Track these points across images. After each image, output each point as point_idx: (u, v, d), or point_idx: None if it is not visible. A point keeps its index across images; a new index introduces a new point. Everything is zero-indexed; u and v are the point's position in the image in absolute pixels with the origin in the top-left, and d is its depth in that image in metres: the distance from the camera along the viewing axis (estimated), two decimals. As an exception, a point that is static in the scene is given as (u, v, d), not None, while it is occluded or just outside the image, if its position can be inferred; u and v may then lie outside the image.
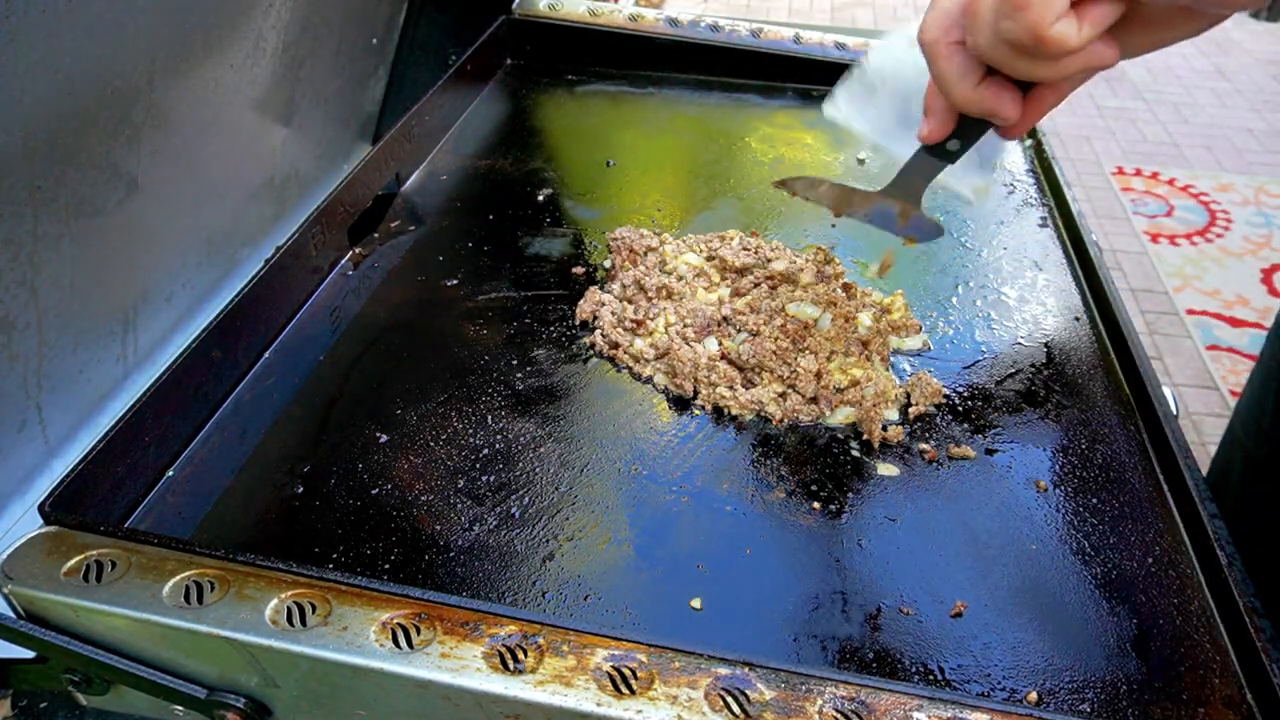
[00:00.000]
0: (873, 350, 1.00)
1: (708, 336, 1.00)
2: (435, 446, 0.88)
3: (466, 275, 1.13)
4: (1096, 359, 1.01)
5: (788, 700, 0.59)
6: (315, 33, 1.20)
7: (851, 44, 1.58)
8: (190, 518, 0.81)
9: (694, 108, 1.56)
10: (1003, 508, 0.83)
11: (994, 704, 0.59)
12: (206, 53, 0.96)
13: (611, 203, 1.30)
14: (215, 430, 0.90)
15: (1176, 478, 0.83)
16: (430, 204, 1.28)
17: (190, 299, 1.08)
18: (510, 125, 1.50)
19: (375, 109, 1.54)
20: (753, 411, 0.93)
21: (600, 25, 1.62)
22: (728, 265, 1.10)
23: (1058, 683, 0.69)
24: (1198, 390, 2.87)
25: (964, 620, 0.73)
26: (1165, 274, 3.50)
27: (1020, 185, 1.35)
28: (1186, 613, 0.74)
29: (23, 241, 0.77)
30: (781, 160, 1.41)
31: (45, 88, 0.73)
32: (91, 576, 0.66)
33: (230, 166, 1.11)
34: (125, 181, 0.89)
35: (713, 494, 0.84)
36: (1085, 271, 1.14)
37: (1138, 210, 3.94)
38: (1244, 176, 4.24)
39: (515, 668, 0.60)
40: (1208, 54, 5.45)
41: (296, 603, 0.64)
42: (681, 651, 0.61)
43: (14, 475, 0.84)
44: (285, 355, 1.00)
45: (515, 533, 0.80)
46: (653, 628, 0.72)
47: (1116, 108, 4.86)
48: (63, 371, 0.87)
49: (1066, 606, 0.74)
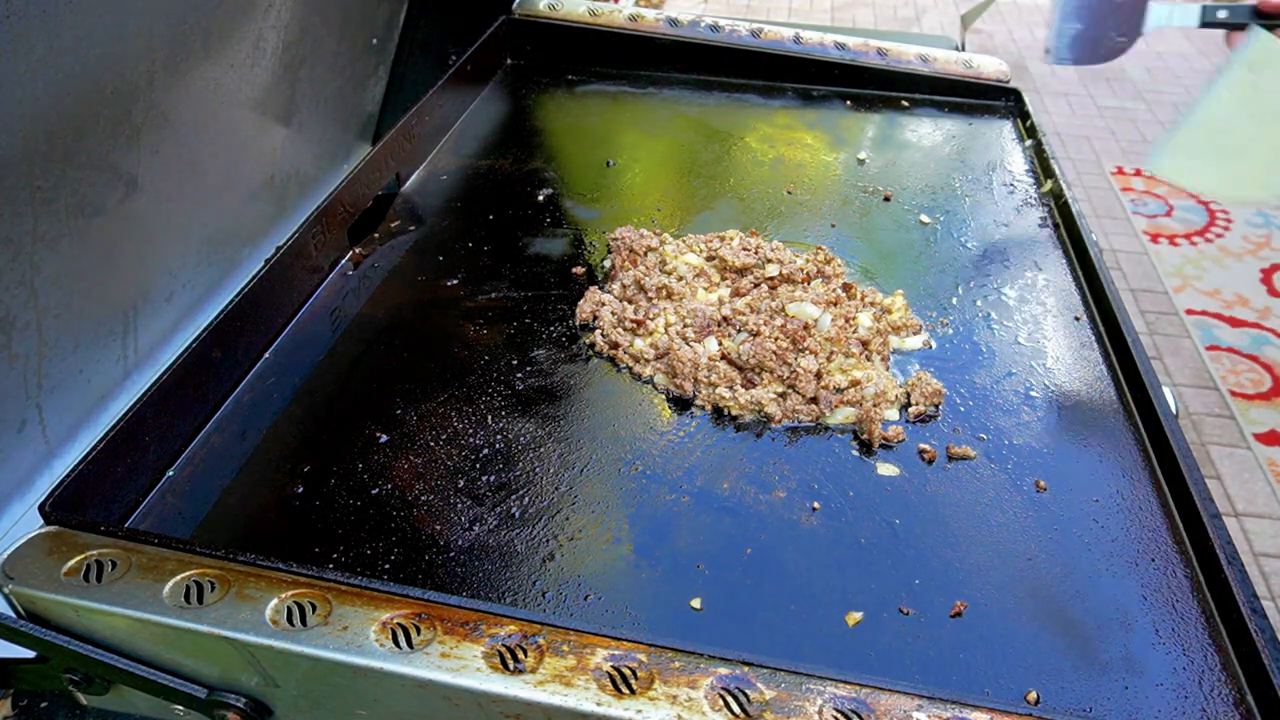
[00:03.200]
0: (873, 350, 1.00)
1: (708, 336, 1.00)
2: (435, 446, 0.88)
3: (466, 275, 1.13)
4: (1096, 359, 1.01)
5: (788, 700, 0.59)
6: (315, 33, 1.20)
7: (851, 44, 1.58)
8: (190, 518, 0.81)
9: (694, 108, 1.56)
10: (1003, 508, 0.83)
11: (994, 704, 0.59)
12: (206, 53, 0.96)
13: (611, 203, 1.30)
14: (215, 430, 0.90)
15: (1176, 478, 0.83)
16: (430, 204, 1.28)
17: (190, 299, 1.08)
18: (510, 125, 1.50)
19: (375, 109, 1.54)
20: (752, 412, 0.93)
21: (600, 25, 1.62)
22: (728, 265, 1.10)
23: (1057, 682, 0.69)
24: (1198, 390, 2.87)
25: (964, 620, 0.73)
26: (1165, 274, 3.50)
27: (1020, 185, 1.35)
28: (1187, 613, 0.74)
29: (23, 241, 0.77)
30: (781, 160, 1.41)
31: (45, 88, 0.73)
32: (92, 576, 0.66)
33: (230, 166, 1.11)
34: (125, 181, 0.89)
35: (713, 494, 0.84)
36: (1085, 271, 1.14)
37: (1138, 210, 3.94)
38: (1244, 176, 4.23)
39: (515, 668, 0.60)
40: (1208, 54, 5.44)
41: (297, 603, 0.64)
42: (681, 651, 0.61)
43: (14, 475, 0.84)
44: (285, 355, 1.00)
45: (515, 533, 0.80)
46: (653, 628, 0.72)
47: (1116, 108, 4.86)
48: (63, 371, 0.87)
49: (1066, 606, 0.74)
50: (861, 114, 1.55)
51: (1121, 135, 4.62)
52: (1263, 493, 2.47)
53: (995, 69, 1.56)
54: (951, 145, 1.46)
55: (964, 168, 1.39)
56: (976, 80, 1.56)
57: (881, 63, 1.57)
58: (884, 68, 1.57)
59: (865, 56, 1.58)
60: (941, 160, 1.42)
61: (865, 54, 1.58)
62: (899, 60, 1.57)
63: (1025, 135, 1.48)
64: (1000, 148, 1.45)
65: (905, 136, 1.49)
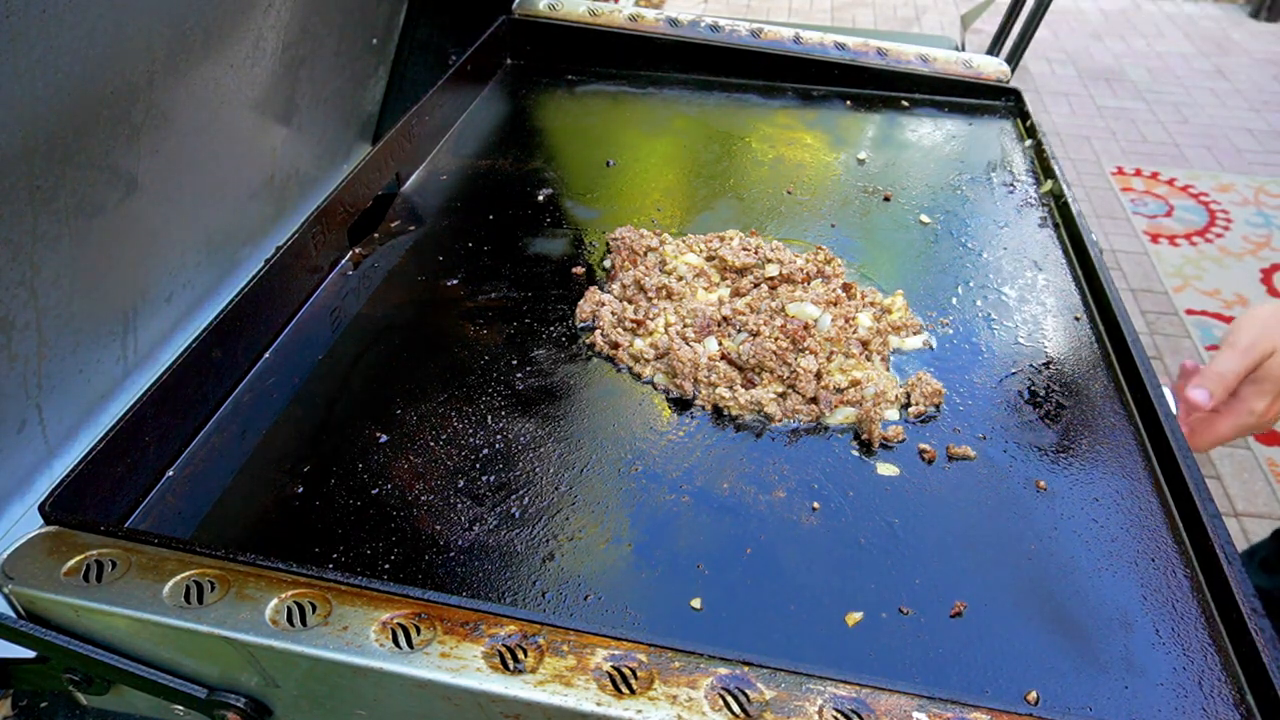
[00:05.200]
0: (873, 350, 1.00)
1: (708, 336, 1.00)
2: (435, 446, 0.88)
3: (466, 275, 1.13)
4: (1096, 359, 1.02)
5: (788, 700, 0.59)
6: (315, 33, 1.20)
7: (851, 44, 1.58)
8: (190, 518, 0.81)
9: (694, 108, 1.56)
10: (1003, 508, 0.83)
11: (994, 704, 0.59)
12: (206, 53, 0.96)
13: (611, 203, 1.30)
14: (215, 430, 0.90)
15: (1176, 478, 0.83)
16: (430, 204, 1.28)
17: (190, 299, 1.08)
18: (510, 125, 1.50)
19: (375, 109, 1.54)
20: (752, 412, 0.93)
21: (600, 25, 1.62)
22: (728, 265, 1.10)
23: (1058, 682, 0.69)
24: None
25: (964, 620, 0.73)
26: (1165, 274, 3.50)
27: (1020, 185, 1.35)
28: (1186, 613, 0.74)
29: (23, 241, 0.77)
30: (781, 160, 1.41)
31: (45, 88, 0.73)
32: (92, 576, 0.66)
33: (230, 166, 1.11)
34: (125, 181, 0.89)
35: (713, 494, 0.84)
36: (1085, 271, 1.14)
37: (1138, 210, 3.94)
38: (1244, 176, 4.24)
39: (515, 668, 0.60)
40: (1208, 54, 5.45)
41: (296, 603, 0.64)
42: (681, 651, 0.61)
43: (14, 475, 0.84)
44: (285, 355, 1.00)
45: (515, 533, 0.80)
46: (653, 628, 0.72)
47: (1116, 108, 4.86)
48: (63, 371, 0.87)
49: (1066, 606, 0.74)
50: (861, 114, 1.55)
51: (1121, 135, 4.62)
52: (1263, 493, 2.47)
53: (995, 69, 1.56)
54: (951, 145, 1.46)
55: (964, 168, 1.40)
56: (976, 80, 1.56)
57: (881, 63, 1.57)
58: (884, 68, 1.57)
59: (865, 56, 1.58)
60: (941, 160, 1.42)
61: (865, 54, 1.58)
62: (899, 60, 1.57)
63: (1025, 135, 1.48)
64: (1000, 148, 1.45)
65: (905, 136, 1.49)
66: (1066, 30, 5.83)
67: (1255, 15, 6.06)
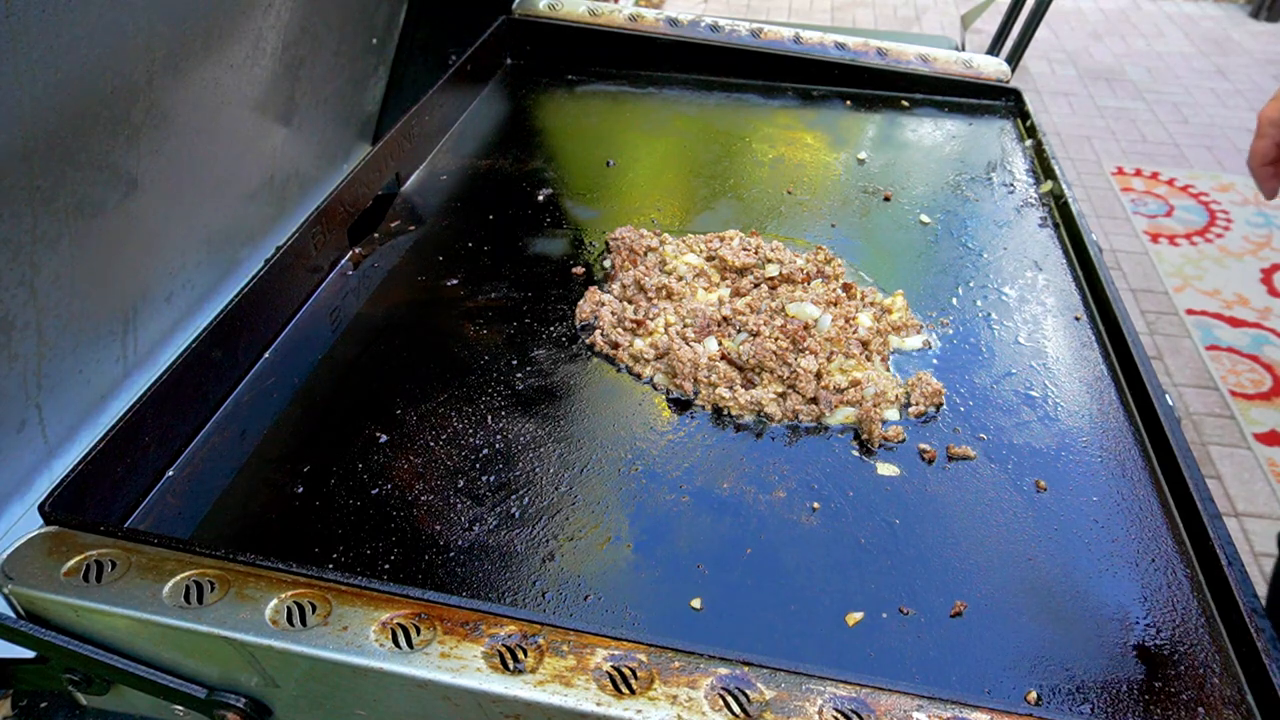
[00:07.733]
0: (873, 350, 1.00)
1: (708, 336, 1.00)
2: (435, 446, 0.88)
3: (466, 275, 1.13)
4: (1096, 359, 1.01)
5: (788, 700, 0.59)
6: (315, 33, 1.20)
7: (851, 44, 1.58)
8: (190, 518, 0.81)
9: (694, 108, 1.56)
10: (1003, 508, 0.83)
11: (994, 704, 0.59)
12: (206, 53, 0.96)
13: (611, 203, 1.30)
14: (215, 430, 0.90)
15: (1176, 478, 0.83)
16: (430, 204, 1.28)
17: (190, 299, 1.08)
18: (510, 125, 1.50)
19: (375, 109, 1.54)
20: (752, 412, 0.93)
21: (600, 25, 1.62)
22: (728, 265, 1.10)
23: (1057, 682, 0.69)
24: (1198, 390, 2.87)
25: (964, 620, 0.73)
26: (1165, 274, 3.50)
27: (1020, 185, 1.35)
28: (1186, 613, 0.74)
29: (23, 241, 0.77)
30: (781, 160, 1.41)
31: (45, 88, 0.73)
32: (91, 576, 0.66)
33: (230, 166, 1.11)
34: (125, 181, 0.89)
35: (713, 494, 0.84)
36: (1085, 271, 1.14)
37: (1138, 210, 3.94)
38: (1244, 176, 4.24)
39: (515, 668, 0.60)
40: (1208, 54, 5.44)
41: (296, 603, 0.64)
42: (681, 651, 0.61)
43: (14, 475, 0.84)
44: (285, 355, 1.00)
45: (515, 533, 0.80)
46: (653, 628, 0.72)
47: (1116, 108, 4.86)
48: (63, 371, 0.87)
49: (1066, 606, 0.74)
50: (861, 114, 1.55)
51: (1121, 135, 4.62)
52: (1263, 493, 2.47)
53: (995, 69, 1.56)
54: (951, 145, 1.46)
55: (964, 168, 1.39)
56: (976, 80, 1.56)
57: (881, 63, 1.57)
58: (884, 68, 1.57)
59: (865, 56, 1.58)
60: (941, 160, 1.42)
61: (865, 54, 1.58)
62: (899, 60, 1.57)
63: (1025, 135, 1.48)
64: (1000, 148, 1.45)
65: (905, 136, 1.49)
66: (1066, 30, 5.83)
67: (1255, 15, 6.05)
